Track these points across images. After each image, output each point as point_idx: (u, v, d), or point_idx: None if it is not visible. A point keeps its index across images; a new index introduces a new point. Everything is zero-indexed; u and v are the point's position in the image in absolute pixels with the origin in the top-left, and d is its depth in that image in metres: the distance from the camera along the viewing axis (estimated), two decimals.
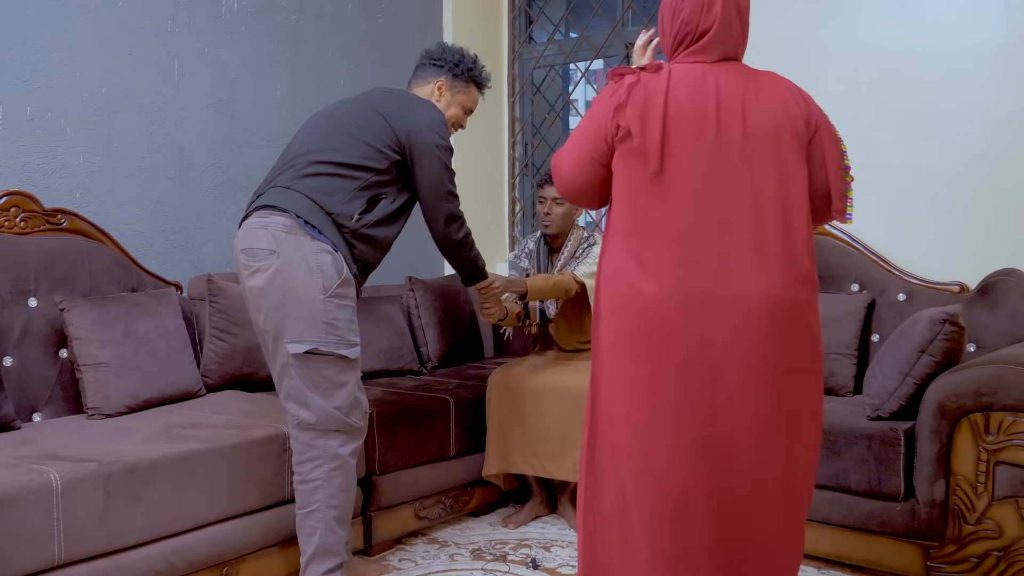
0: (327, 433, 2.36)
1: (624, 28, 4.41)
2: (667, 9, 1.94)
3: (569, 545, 3.03)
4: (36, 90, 3.01)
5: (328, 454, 2.36)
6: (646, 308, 1.79)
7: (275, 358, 2.37)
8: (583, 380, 3.11)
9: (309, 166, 2.41)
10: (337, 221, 2.36)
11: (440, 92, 2.64)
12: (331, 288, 2.33)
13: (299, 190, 2.38)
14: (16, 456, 2.19)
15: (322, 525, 2.37)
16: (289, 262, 2.31)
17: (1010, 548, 2.38)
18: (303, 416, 2.35)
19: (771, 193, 1.80)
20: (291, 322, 2.31)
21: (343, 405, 2.36)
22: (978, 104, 3.26)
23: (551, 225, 3.33)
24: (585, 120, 1.94)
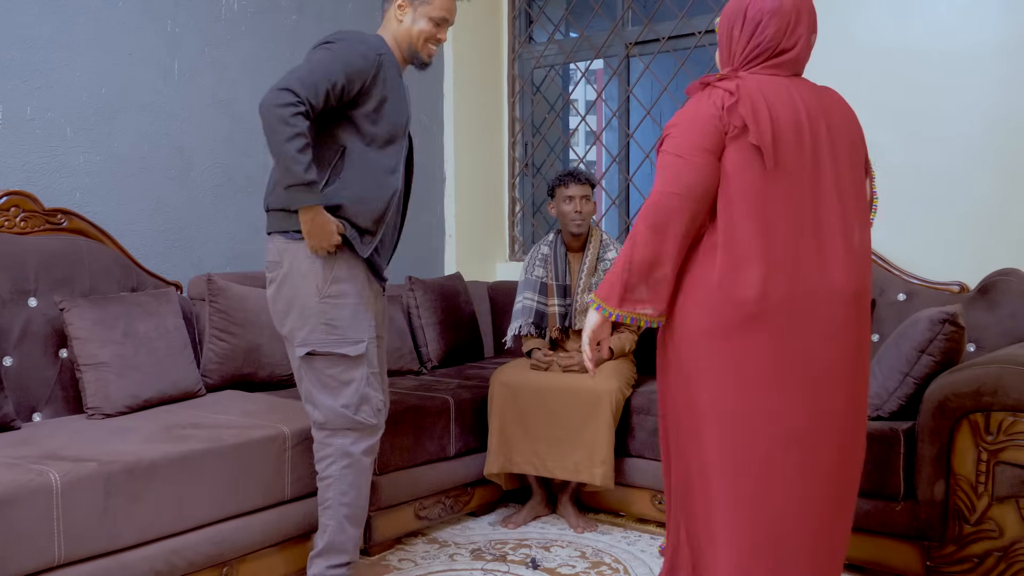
0: (338, 432, 2.39)
1: (624, 28, 4.41)
2: (748, 22, 1.98)
3: (569, 545, 3.03)
4: (36, 90, 3.01)
5: (339, 452, 2.39)
6: (759, 311, 1.90)
7: (293, 364, 2.45)
8: (585, 380, 3.12)
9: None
10: (289, 209, 2.34)
11: (402, 10, 2.44)
12: (324, 289, 2.35)
13: (267, 196, 2.46)
14: (16, 456, 2.19)
15: (333, 522, 2.40)
16: (292, 269, 2.37)
17: (1010, 548, 2.38)
18: (314, 416, 2.41)
19: (851, 195, 1.98)
20: (296, 327, 2.37)
21: (350, 403, 2.38)
22: (978, 104, 3.26)
23: (583, 224, 3.34)
24: (686, 128, 1.93)
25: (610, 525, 3.26)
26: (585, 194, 3.33)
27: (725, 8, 2.05)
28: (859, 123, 2.06)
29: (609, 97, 4.86)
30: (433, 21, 2.48)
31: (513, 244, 4.84)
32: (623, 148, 4.49)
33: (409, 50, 2.49)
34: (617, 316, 1.96)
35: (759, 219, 1.90)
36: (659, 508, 3.17)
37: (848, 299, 1.94)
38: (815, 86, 2.04)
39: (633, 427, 3.19)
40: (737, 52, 2.00)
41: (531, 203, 4.83)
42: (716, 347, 1.94)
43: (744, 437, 1.93)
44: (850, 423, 1.98)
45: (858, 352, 1.97)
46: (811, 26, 2.01)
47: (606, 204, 4.59)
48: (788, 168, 1.91)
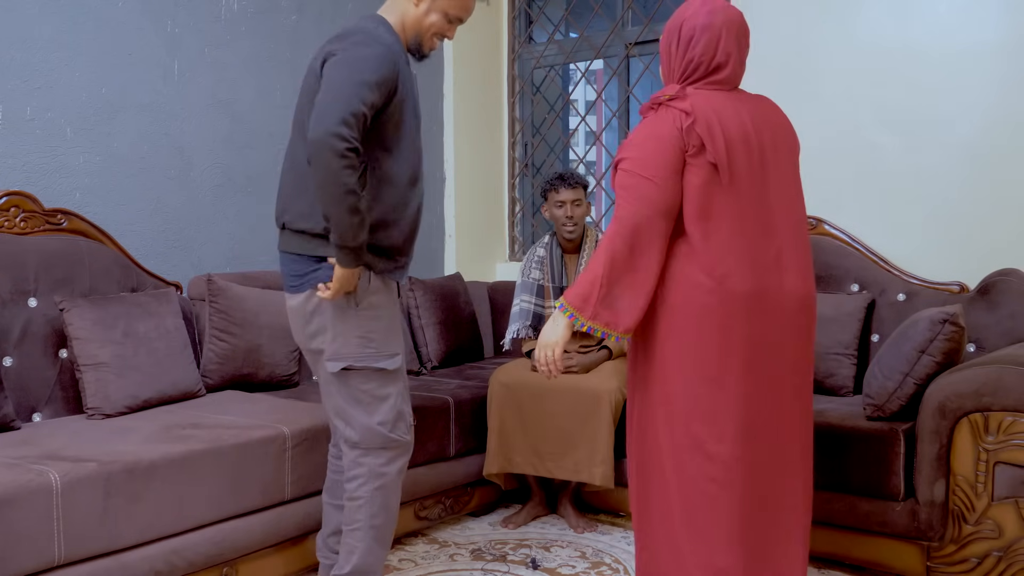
0: (371, 451, 2.24)
1: (624, 28, 4.41)
2: (683, 38, 2.04)
3: (569, 545, 3.03)
4: (36, 90, 3.01)
5: (372, 473, 2.24)
6: (726, 309, 1.98)
7: (320, 376, 2.31)
8: (585, 380, 3.12)
9: (284, 176, 2.31)
10: (313, 232, 2.17)
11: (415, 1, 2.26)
12: (361, 301, 2.19)
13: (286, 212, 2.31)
14: (16, 456, 2.19)
15: (362, 545, 2.26)
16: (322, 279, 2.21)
17: (1010, 548, 2.38)
18: (348, 434, 2.25)
19: (796, 202, 2.10)
20: (329, 341, 2.21)
21: (386, 420, 2.24)
22: (978, 104, 3.26)
23: (575, 228, 3.34)
24: (650, 149, 1.98)
25: (610, 525, 3.26)
26: (576, 198, 3.32)
27: (667, 23, 2.12)
28: (794, 130, 2.16)
29: (609, 97, 4.86)
30: (447, 17, 2.33)
31: (513, 244, 4.85)
32: None
33: (415, 39, 2.33)
34: (589, 328, 1.98)
35: (725, 230, 1.98)
36: None
37: (802, 302, 2.06)
38: (752, 96, 2.11)
39: None
40: (676, 68, 2.07)
41: (531, 203, 4.83)
42: (704, 342, 2.00)
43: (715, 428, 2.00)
44: (803, 419, 2.11)
45: (809, 351, 2.11)
46: (742, 41, 2.08)
47: (606, 204, 4.58)
48: (742, 180, 1.99)
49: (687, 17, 2.04)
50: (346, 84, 2.05)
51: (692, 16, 2.04)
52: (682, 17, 2.06)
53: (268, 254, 3.77)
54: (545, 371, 2.09)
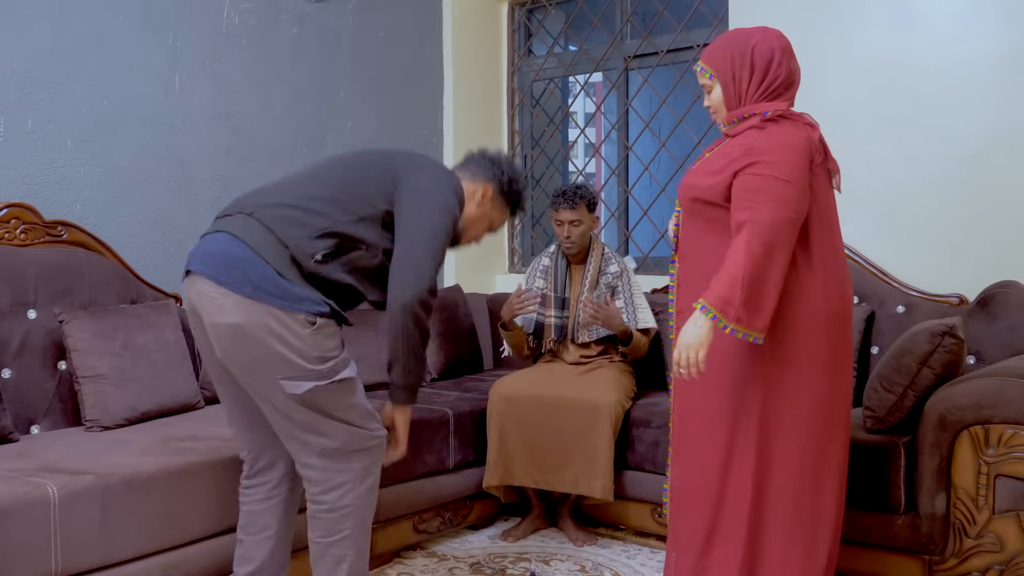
0: (355, 453, 2.14)
1: (623, 41, 4.43)
2: (759, 60, 2.15)
3: (568, 558, 3.02)
4: (37, 102, 3.02)
5: (359, 474, 2.15)
6: (841, 319, 2.17)
7: (263, 397, 2.09)
8: (585, 392, 3.12)
9: (279, 197, 2.15)
10: (294, 256, 2.05)
11: (483, 197, 2.34)
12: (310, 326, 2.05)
13: (260, 218, 2.08)
14: (14, 468, 2.18)
15: (352, 552, 2.16)
16: (286, 331, 2.04)
17: (1011, 562, 2.37)
18: (324, 443, 2.10)
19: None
20: (277, 361, 2.02)
21: (363, 419, 2.16)
22: (977, 116, 3.26)
23: (573, 247, 3.36)
24: (785, 155, 2.06)
25: (610, 539, 3.25)
26: (576, 218, 3.32)
27: (718, 53, 2.20)
28: None
29: (608, 110, 4.88)
30: (491, 226, 2.45)
31: (513, 256, 4.85)
32: (622, 161, 4.50)
33: (460, 230, 2.31)
34: (732, 330, 1.97)
35: (832, 237, 2.15)
36: (659, 521, 3.16)
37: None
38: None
39: (633, 439, 3.18)
40: (752, 88, 2.15)
41: (531, 215, 4.84)
42: (818, 353, 2.12)
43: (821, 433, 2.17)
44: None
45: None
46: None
47: (605, 216, 4.59)
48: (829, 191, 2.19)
49: (757, 42, 2.15)
50: (439, 234, 2.13)
51: (763, 40, 2.16)
52: (749, 43, 2.16)
53: None
54: (684, 373, 2.03)
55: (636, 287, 3.42)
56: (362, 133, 4.15)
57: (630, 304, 3.37)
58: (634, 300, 3.38)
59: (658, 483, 3.13)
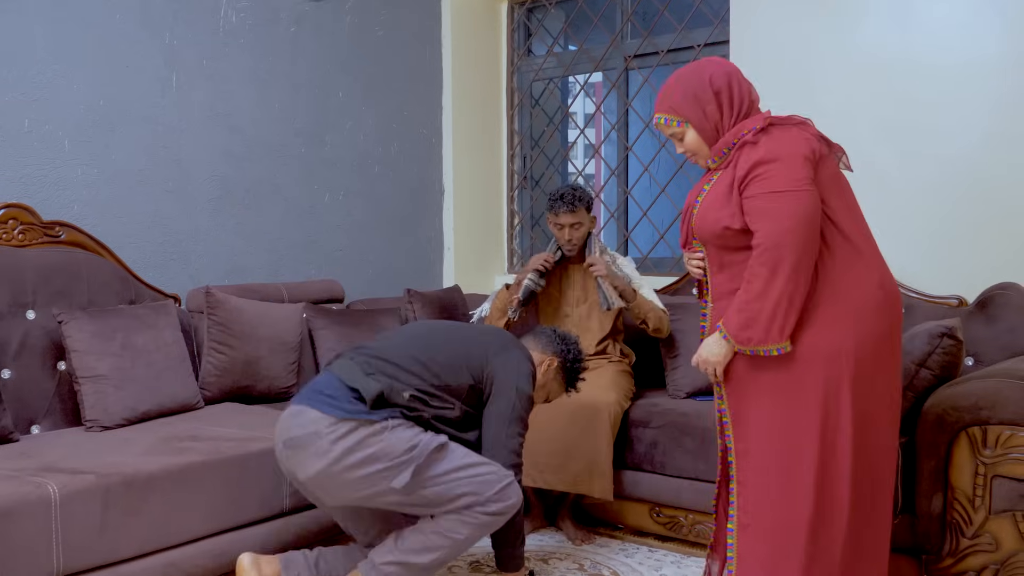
0: (490, 500, 2.29)
1: (623, 41, 4.43)
2: (722, 88, 2.16)
3: (567, 557, 3.03)
4: (34, 102, 3.02)
5: (516, 500, 2.35)
6: (897, 302, 2.18)
7: (388, 503, 2.28)
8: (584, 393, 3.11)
9: (380, 352, 2.38)
10: (384, 392, 2.26)
11: (548, 368, 2.62)
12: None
13: (359, 363, 2.35)
14: (14, 468, 2.19)
15: (442, 554, 2.31)
16: (387, 437, 2.25)
17: (1007, 561, 2.38)
18: (464, 502, 2.26)
19: None
20: (378, 464, 2.21)
21: (478, 461, 2.32)
22: (977, 118, 3.27)
23: (574, 249, 3.37)
24: (788, 163, 2.05)
25: (608, 538, 3.25)
26: (575, 222, 3.32)
27: (676, 98, 2.19)
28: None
29: (608, 110, 4.88)
30: (547, 398, 2.72)
31: (512, 257, 4.85)
32: (622, 161, 4.50)
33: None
34: (751, 352, 2.07)
35: (863, 223, 2.17)
36: (657, 520, 3.16)
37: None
38: None
39: (632, 439, 3.18)
40: (725, 118, 2.16)
41: (530, 216, 4.84)
42: (886, 345, 2.11)
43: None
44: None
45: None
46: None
47: (604, 217, 4.60)
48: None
49: (710, 73, 2.17)
50: (522, 413, 2.45)
51: (715, 69, 2.18)
52: (704, 76, 2.17)
53: (266, 267, 3.78)
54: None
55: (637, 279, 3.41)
56: (361, 133, 4.16)
57: (646, 290, 3.39)
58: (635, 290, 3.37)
59: (656, 482, 3.14)
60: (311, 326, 3.47)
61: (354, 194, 4.14)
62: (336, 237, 4.06)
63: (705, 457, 2.99)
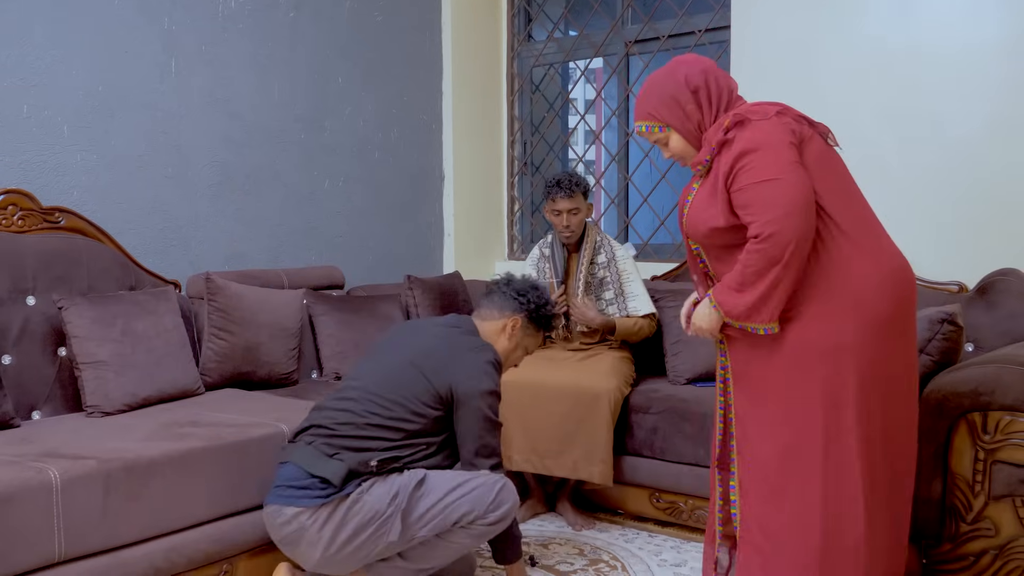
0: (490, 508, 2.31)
1: (623, 27, 4.41)
2: (699, 85, 2.14)
3: (567, 542, 3.04)
4: (32, 88, 3.01)
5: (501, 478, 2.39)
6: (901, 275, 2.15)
7: (384, 554, 2.30)
8: (584, 379, 3.13)
9: (333, 424, 2.34)
10: (351, 469, 2.25)
11: (512, 330, 2.53)
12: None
13: (318, 446, 2.31)
14: (16, 454, 2.19)
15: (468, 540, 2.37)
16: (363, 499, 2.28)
17: (1006, 547, 2.38)
18: (462, 508, 2.29)
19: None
20: (366, 542, 2.24)
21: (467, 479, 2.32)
22: (979, 104, 3.25)
23: (572, 236, 3.36)
24: (769, 151, 2.02)
25: (608, 523, 3.27)
26: (573, 207, 3.32)
27: (654, 103, 2.17)
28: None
29: (608, 96, 4.87)
30: (527, 351, 2.63)
31: (512, 243, 4.85)
32: (622, 147, 4.49)
33: (506, 364, 2.57)
34: (739, 325, 2.07)
35: (855, 200, 2.14)
36: (656, 506, 3.17)
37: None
38: None
39: (632, 425, 3.19)
40: (707, 116, 2.14)
41: (530, 202, 4.83)
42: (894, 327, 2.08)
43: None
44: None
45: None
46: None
47: (605, 203, 4.59)
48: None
49: (684, 73, 2.14)
50: (494, 418, 2.38)
51: (688, 68, 2.15)
52: (678, 77, 2.14)
53: (266, 252, 3.78)
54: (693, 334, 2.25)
55: (629, 274, 3.41)
56: (361, 119, 4.14)
57: (620, 294, 3.37)
58: (624, 288, 3.38)
59: (656, 468, 3.15)
60: (311, 312, 3.47)
61: (354, 180, 4.13)
62: (336, 223, 4.06)
63: (705, 443, 3.00)
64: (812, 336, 2.04)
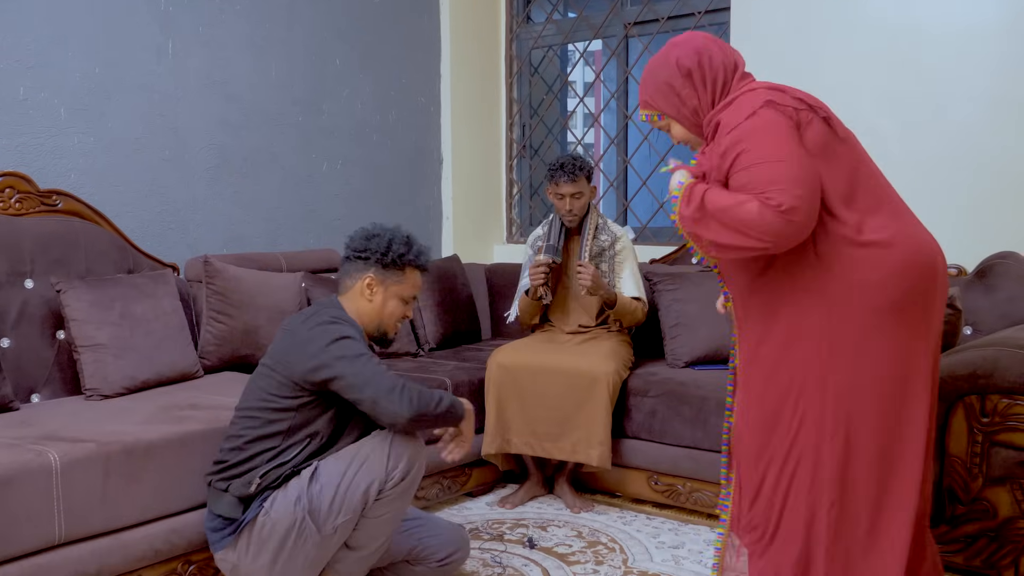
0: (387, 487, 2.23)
1: (623, 8, 4.39)
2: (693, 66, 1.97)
3: (565, 524, 3.05)
4: (28, 70, 2.99)
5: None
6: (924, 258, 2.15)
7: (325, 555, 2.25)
8: (583, 362, 3.13)
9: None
10: (238, 497, 2.20)
11: (371, 290, 2.32)
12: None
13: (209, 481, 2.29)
14: (15, 437, 2.19)
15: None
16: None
17: (1003, 528, 2.40)
18: (373, 490, 2.20)
19: None
20: (290, 540, 2.19)
21: (354, 452, 2.24)
22: (978, 86, 3.25)
23: (575, 219, 3.36)
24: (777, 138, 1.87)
25: (606, 505, 3.28)
26: (576, 191, 3.30)
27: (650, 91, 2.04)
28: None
29: (608, 78, 4.84)
30: (404, 299, 2.38)
31: (511, 226, 4.84)
32: (621, 130, 4.47)
33: (377, 328, 2.37)
34: (676, 220, 1.93)
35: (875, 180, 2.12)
36: (655, 488, 3.19)
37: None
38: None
39: (630, 408, 3.20)
40: (703, 100, 1.99)
41: (528, 185, 4.82)
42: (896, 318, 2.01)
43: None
44: None
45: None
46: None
47: (604, 186, 4.58)
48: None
49: (677, 55, 1.99)
50: (361, 362, 2.17)
51: (680, 50, 1.99)
52: (670, 61, 2.00)
53: (265, 235, 3.77)
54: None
55: (625, 257, 3.39)
56: (359, 101, 4.13)
57: (610, 274, 3.35)
58: (616, 269, 3.36)
59: (654, 451, 3.16)
60: (310, 295, 3.46)
61: (352, 163, 4.12)
62: (334, 206, 4.05)
63: (703, 426, 3.01)
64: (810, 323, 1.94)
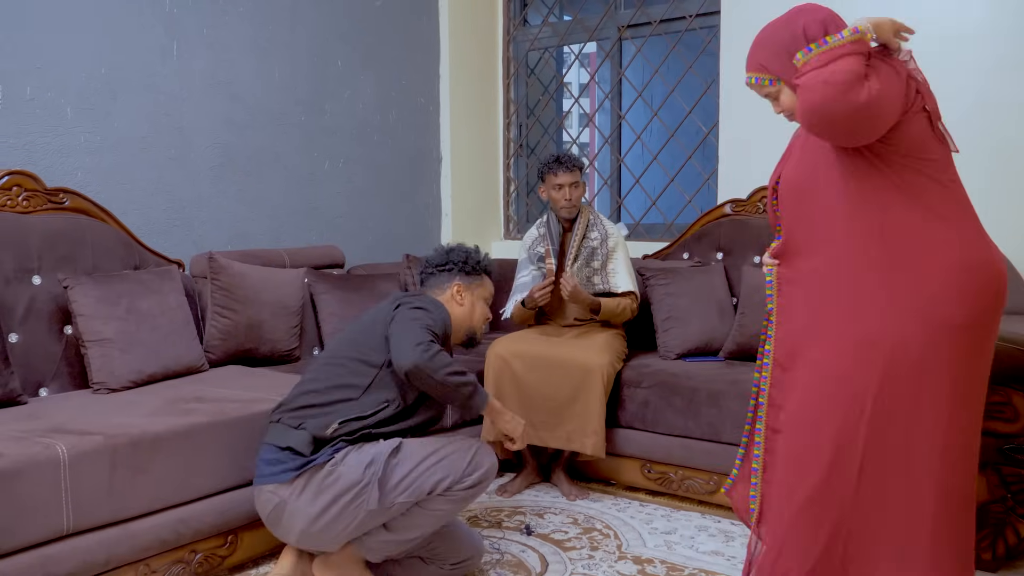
0: (462, 477, 2.30)
1: (617, 11, 4.45)
2: (819, 33, 1.94)
3: (562, 512, 3.11)
4: (36, 69, 3.05)
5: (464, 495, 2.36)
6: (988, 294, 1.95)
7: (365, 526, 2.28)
8: (579, 354, 3.19)
9: (298, 399, 2.37)
10: (315, 436, 2.27)
11: (461, 295, 2.60)
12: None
13: (283, 421, 2.34)
14: (23, 430, 2.23)
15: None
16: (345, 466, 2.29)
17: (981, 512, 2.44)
18: (443, 485, 2.28)
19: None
20: (347, 497, 2.24)
21: (442, 445, 2.34)
22: (969, 87, 3.28)
23: (574, 209, 3.41)
24: (891, 78, 1.90)
25: (601, 493, 3.34)
26: (574, 181, 3.39)
27: (766, 54, 2.00)
28: None
29: (602, 79, 4.91)
30: (486, 301, 2.67)
31: (508, 223, 4.90)
32: (615, 130, 4.54)
33: (468, 331, 2.62)
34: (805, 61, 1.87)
35: (953, 188, 2.04)
36: (647, 476, 3.26)
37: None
38: None
39: (624, 399, 3.27)
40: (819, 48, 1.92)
41: (525, 183, 4.89)
42: (963, 336, 1.88)
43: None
44: None
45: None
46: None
47: (598, 184, 4.64)
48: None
49: (805, 22, 1.97)
50: (424, 316, 2.37)
51: (809, 16, 1.99)
52: (797, 27, 1.97)
53: (268, 232, 3.83)
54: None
55: (617, 253, 3.46)
56: (360, 102, 4.19)
57: (603, 270, 3.42)
58: (608, 266, 3.42)
59: (647, 440, 3.22)
60: (313, 291, 3.53)
61: (353, 162, 4.18)
62: (336, 204, 4.11)
63: (694, 416, 3.08)
64: (871, 331, 1.87)
